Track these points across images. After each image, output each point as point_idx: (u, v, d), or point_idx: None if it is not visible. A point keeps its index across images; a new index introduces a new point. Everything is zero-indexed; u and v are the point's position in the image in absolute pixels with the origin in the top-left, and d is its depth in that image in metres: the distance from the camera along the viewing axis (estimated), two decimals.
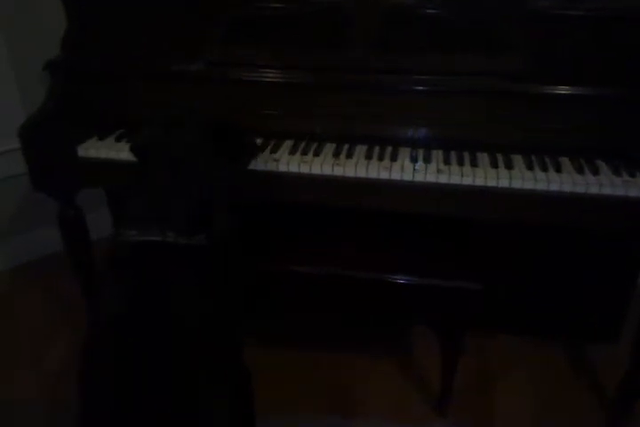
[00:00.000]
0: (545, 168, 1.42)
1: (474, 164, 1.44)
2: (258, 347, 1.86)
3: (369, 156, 1.49)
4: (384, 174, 1.44)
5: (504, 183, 1.39)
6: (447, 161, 1.46)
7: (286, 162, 1.48)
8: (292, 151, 1.51)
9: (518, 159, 1.47)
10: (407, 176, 1.43)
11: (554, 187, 1.38)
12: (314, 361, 1.88)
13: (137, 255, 1.13)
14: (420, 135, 1.54)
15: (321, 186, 1.48)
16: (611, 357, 1.87)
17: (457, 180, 1.41)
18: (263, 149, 1.52)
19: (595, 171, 1.41)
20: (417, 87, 1.53)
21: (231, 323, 1.23)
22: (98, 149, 1.57)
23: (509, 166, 1.43)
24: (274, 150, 1.52)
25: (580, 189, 1.38)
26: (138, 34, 1.66)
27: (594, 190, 1.37)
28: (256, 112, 1.58)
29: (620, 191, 1.36)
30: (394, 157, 1.48)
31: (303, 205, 1.53)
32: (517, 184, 1.39)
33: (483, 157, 1.48)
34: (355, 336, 2.00)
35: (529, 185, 1.39)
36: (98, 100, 1.66)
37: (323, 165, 1.46)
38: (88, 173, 1.61)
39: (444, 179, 1.41)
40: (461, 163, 1.45)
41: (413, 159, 1.46)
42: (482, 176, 1.40)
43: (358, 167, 1.45)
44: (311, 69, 1.56)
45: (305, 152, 1.51)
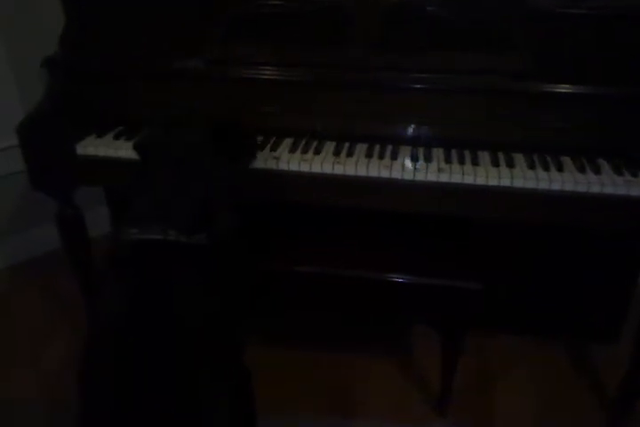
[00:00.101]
0: (546, 167, 1.42)
1: (475, 162, 1.44)
2: (258, 346, 1.85)
3: (369, 154, 1.48)
4: (385, 173, 1.43)
5: (505, 182, 1.39)
6: (448, 160, 1.45)
7: (286, 160, 1.47)
8: (292, 149, 1.51)
9: (519, 158, 1.46)
10: (408, 175, 1.42)
11: (555, 186, 1.37)
12: (314, 361, 1.87)
13: (138, 254, 1.13)
14: (421, 134, 1.54)
15: (321, 185, 1.47)
16: (611, 356, 1.87)
17: (458, 179, 1.40)
18: (263, 148, 1.51)
19: (596, 170, 1.41)
20: (417, 85, 1.52)
21: (234, 322, 1.23)
22: (96, 147, 1.56)
23: (511, 165, 1.43)
24: (274, 148, 1.51)
25: (582, 189, 1.37)
26: (137, 32, 1.65)
27: (595, 190, 1.37)
28: (256, 110, 1.57)
29: (622, 191, 1.36)
30: (394, 156, 1.47)
31: (303, 204, 1.52)
32: (519, 183, 1.38)
33: (484, 156, 1.47)
34: (355, 336, 1.99)
35: (530, 184, 1.38)
36: (96, 98, 1.64)
37: (323, 164, 1.45)
38: (87, 172, 1.61)
39: (445, 178, 1.41)
40: (462, 161, 1.44)
41: (414, 158, 1.46)
42: (483, 175, 1.40)
43: (359, 166, 1.44)
44: (311, 67, 1.55)
45: (305, 150, 1.50)
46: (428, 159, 1.45)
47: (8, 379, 1.83)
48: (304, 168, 1.46)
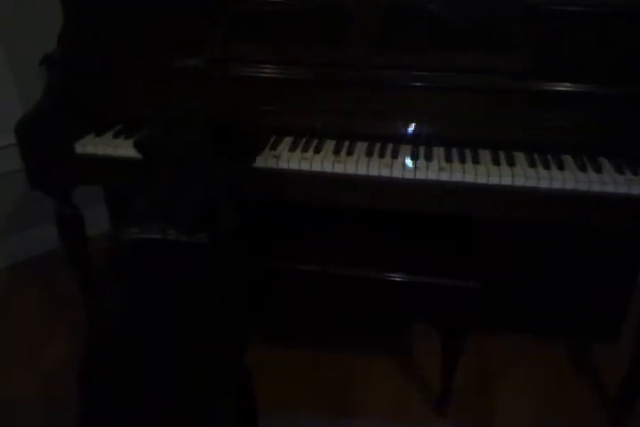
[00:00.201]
0: (547, 166, 1.41)
1: (476, 161, 1.44)
2: (259, 345, 1.84)
3: (370, 153, 1.48)
4: (385, 172, 1.43)
5: (506, 181, 1.38)
6: (449, 158, 1.45)
7: (286, 159, 1.46)
8: (292, 148, 1.50)
9: (520, 156, 1.46)
10: (408, 174, 1.42)
11: (556, 184, 1.37)
12: (315, 360, 1.87)
13: (138, 253, 1.12)
14: (422, 132, 1.53)
15: (321, 184, 1.47)
16: (612, 355, 1.87)
17: (459, 177, 1.40)
18: (263, 147, 1.50)
19: (597, 169, 1.40)
20: (417, 84, 1.52)
21: (235, 321, 1.22)
22: (95, 146, 1.55)
23: (511, 164, 1.42)
24: (274, 147, 1.51)
25: (583, 187, 1.37)
26: (137, 32, 1.65)
27: (596, 188, 1.37)
28: (256, 109, 1.57)
29: (623, 189, 1.36)
30: (395, 155, 1.46)
31: (304, 203, 1.52)
32: (520, 182, 1.38)
33: (484, 155, 1.47)
34: (355, 336, 1.99)
35: (531, 183, 1.38)
36: (95, 97, 1.64)
37: (323, 163, 1.45)
38: (86, 170, 1.60)
39: (446, 176, 1.40)
40: (463, 160, 1.44)
41: (415, 157, 1.45)
42: (484, 174, 1.39)
43: (359, 165, 1.44)
44: (312, 66, 1.55)
45: (305, 149, 1.50)
46: (429, 158, 1.45)
47: (8, 378, 1.83)
48: (304, 167, 1.46)
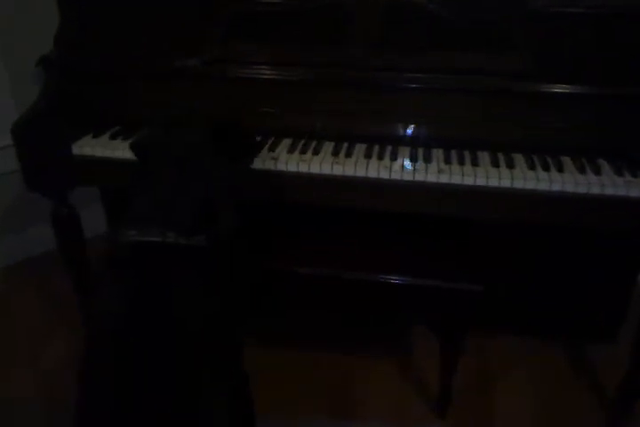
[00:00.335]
0: (547, 168, 1.41)
1: (475, 163, 1.43)
2: (258, 347, 1.85)
3: (368, 155, 1.47)
4: (384, 174, 1.43)
5: (506, 183, 1.38)
6: (448, 160, 1.45)
7: (285, 161, 1.46)
8: (291, 150, 1.50)
9: (519, 158, 1.46)
10: (407, 176, 1.42)
11: (556, 187, 1.37)
12: (314, 361, 1.87)
13: (137, 256, 1.12)
14: (420, 134, 1.53)
15: (320, 185, 1.46)
16: (611, 357, 1.87)
17: (458, 180, 1.39)
18: (262, 147, 1.50)
19: (596, 171, 1.40)
20: (417, 85, 1.52)
21: (234, 323, 1.22)
22: (93, 147, 1.55)
23: (511, 166, 1.42)
24: (272, 148, 1.50)
25: (582, 190, 1.37)
26: (136, 31, 1.64)
27: (595, 190, 1.36)
28: (255, 110, 1.56)
29: (622, 191, 1.35)
30: (394, 157, 1.46)
31: (304, 204, 1.52)
32: (519, 184, 1.38)
33: (483, 156, 1.47)
34: (355, 336, 1.99)
35: (531, 185, 1.37)
36: (93, 97, 1.63)
37: (322, 164, 1.44)
38: (83, 172, 1.59)
39: (445, 179, 1.40)
40: (462, 162, 1.44)
41: (414, 159, 1.45)
42: (483, 176, 1.39)
43: (358, 166, 1.43)
44: (311, 67, 1.54)
45: (304, 151, 1.49)
46: (428, 160, 1.45)
47: (8, 378, 1.83)
48: (302, 169, 1.45)
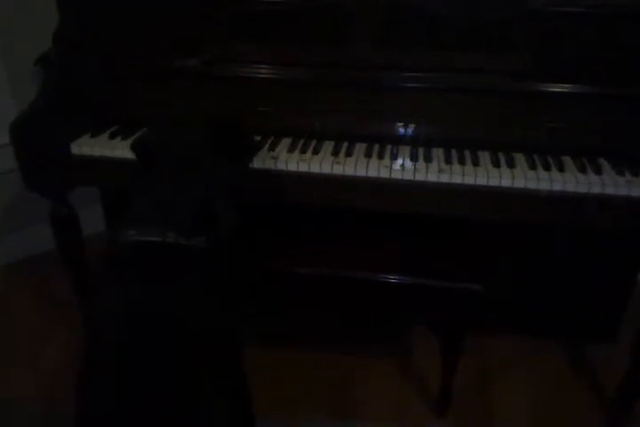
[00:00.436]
0: (547, 167, 1.41)
1: (475, 163, 1.43)
2: (258, 347, 1.84)
3: (369, 154, 1.47)
4: (384, 173, 1.42)
5: (507, 183, 1.38)
6: (448, 160, 1.44)
7: (285, 160, 1.46)
8: (291, 149, 1.49)
9: (520, 158, 1.45)
10: (408, 175, 1.41)
11: (556, 186, 1.36)
12: (314, 361, 1.87)
13: (136, 256, 1.12)
14: (421, 133, 1.53)
15: (320, 185, 1.46)
16: (610, 357, 1.87)
17: (458, 179, 1.39)
18: (261, 147, 1.50)
19: (597, 170, 1.40)
20: (417, 85, 1.51)
21: (234, 323, 1.22)
22: (92, 147, 1.54)
23: (512, 165, 1.42)
24: (272, 148, 1.50)
25: (583, 189, 1.36)
26: (135, 31, 1.64)
27: (596, 190, 1.36)
28: (255, 109, 1.56)
29: (623, 191, 1.35)
30: (394, 156, 1.46)
31: (303, 204, 1.51)
32: (520, 184, 1.37)
33: (484, 156, 1.46)
34: (355, 336, 1.98)
35: (531, 184, 1.37)
36: (92, 96, 1.63)
37: (322, 164, 1.44)
38: (82, 171, 1.59)
39: (446, 178, 1.40)
40: (463, 162, 1.43)
41: (414, 158, 1.45)
42: (484, 175, 1.39)
43: (358, 166, 1.43)
44: (311, 66, 1.54)
45: (304, 150, 1.49)
46: (428, 159, 1.44)
47: (8, 378, 1.83)
48: (302, 168, 1.45)
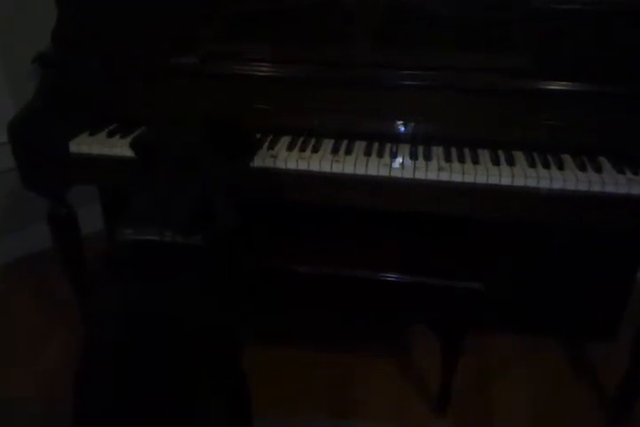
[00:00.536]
0: (547, 165, 1.40)
1: (475, 161, 1.42)
2: (257, 345, 1.84)
3: (368, 152, 1.47)
4: (384, 172, 1.42)
5: (506, 181, 1.37)
6: (448, 158, 1.44)
7: (284, 158, 1.45)
8: (290, 147, 1.49)
9: (520, 156, 1.45)
10: (407, 174, 1.41)
11: (556, 185, 1.36)
12: (313, 360, 1.86)
13: (134, 255, 1.11)
14: (420, 132, 1.52)
15: (319, 183, 1.46)
16: (610, 355, 1.86)
17: (458, 177, 1.39)
18: (261, 146, 1.49)
19: (597, 168, 1.39)
20: (417, 83, 1.51)
21: (232, 321, 1.22)
22: (90, 145, 1.54)
23: (511, 163, 1.41)
24: (271, 146, 1.50)
25: (583, 187, 1.36)
26: (133, 29, 1.63)
27: (596, 188, 1.36)
28: (254, 108, 1.56)
29: (623, 189, 1.35)
30: (393, 154, 1.45)
31: (303, 203, 1.51)
32: (520, 182, 1.37)
33: (484, 154, 1.46)
34: (354, 335, 1.98)
35: (531, 182, 1.37)
36: (90, 95, 1.63)
37: (321, 162, 1.44)
38: (80, 170, 1.58)
39: (446, 177, 1.39)
40: (462, 160, 1.43)
41: (413, 156, 1.44)
42: (483, 174, 1.38)
43: (357, 164, 1.43)
44: (310, 64, 1.53)
45: (303, 148, 1.48)
46: (428, 158, 1.44)
47: (8, 378, 1.82)
48: (302, 166, 1.44)
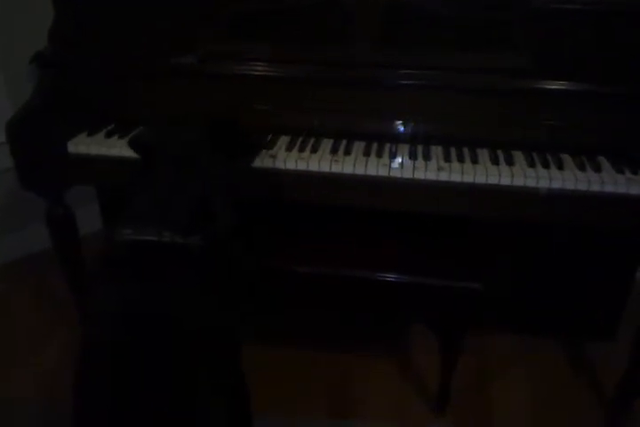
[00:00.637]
0: (546, 165, 1.40)
1: (474, 161, 1.42)
2: (256, 345, 1.83)
3: (367, 152, 1.46)
4: (383, 171, 1.42)
5: (505, 181, 1.37)
6: (447, 158, 1.44)
7: (283, 158, 1.45)
8: (289, 147, 1.49)
9: (519, 156, 1.45)
10: (407, 174, 1.41)
11: (556, 184, 1.36)
12: (312, 359, 1.86)
13: (133, 255, 1.11)
14: (420, 131, 1.52)
15: (318, 183, 1.45)
16: (610, 355, 1.87)
17: (457, 177, 1.38)
18: (262, 147, 1.49)
19: (597, 168, 1.39)
20: (416, 83, 1.51)
21: (231, 321, 1.22)
22: (88, 146, 1.53)
23: (510, 163, 1.41)
24: (270, 146, 1.49)
25: (582, 187, 1.36)
26: (132, 28, 1.63)
27: (596, 188, 1.35)
28: (253, 107, 1.55)
29: (622, 189, 1.35)
30: (393, 154, 1.45)
31: (302, 203, 1.51)
32: (519, 182, 1.37)
33: (483, 154, 1.46)
34: (353, 335, 1.98)
35: (531, 182, 1.37)
36: (88, 95, 1.62)
37: (320, 162, 1.43)
38: (78, 170, 1.58)
39: (445, 176, 1.39)
40: (462, 160, 1.43)
41: (413, 156, 1.44)
42: (483, 173, 1.38)
43: (357, 164, 1.42)
44: (310, 64, 1.53)
45: (302, 148, 1.48)
46: (427, 158, 1.44)
47: (8, 378, 1.82)
48: (301, 167, 1.44)
